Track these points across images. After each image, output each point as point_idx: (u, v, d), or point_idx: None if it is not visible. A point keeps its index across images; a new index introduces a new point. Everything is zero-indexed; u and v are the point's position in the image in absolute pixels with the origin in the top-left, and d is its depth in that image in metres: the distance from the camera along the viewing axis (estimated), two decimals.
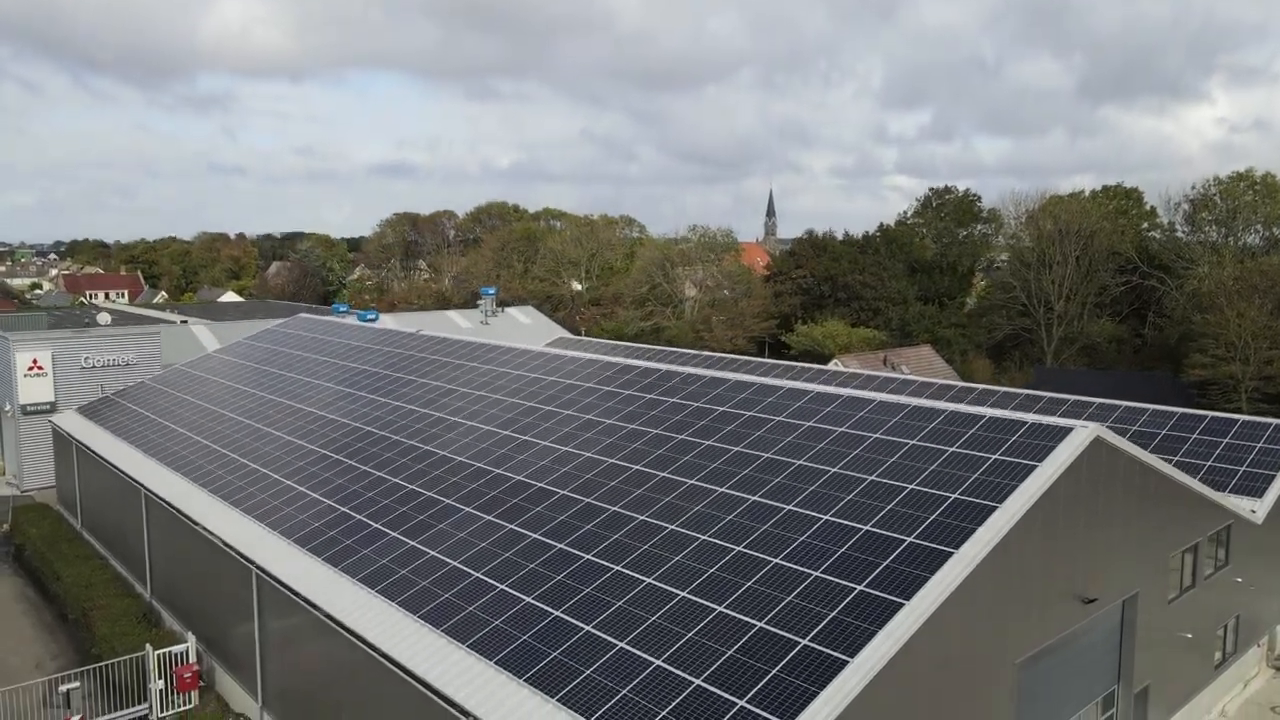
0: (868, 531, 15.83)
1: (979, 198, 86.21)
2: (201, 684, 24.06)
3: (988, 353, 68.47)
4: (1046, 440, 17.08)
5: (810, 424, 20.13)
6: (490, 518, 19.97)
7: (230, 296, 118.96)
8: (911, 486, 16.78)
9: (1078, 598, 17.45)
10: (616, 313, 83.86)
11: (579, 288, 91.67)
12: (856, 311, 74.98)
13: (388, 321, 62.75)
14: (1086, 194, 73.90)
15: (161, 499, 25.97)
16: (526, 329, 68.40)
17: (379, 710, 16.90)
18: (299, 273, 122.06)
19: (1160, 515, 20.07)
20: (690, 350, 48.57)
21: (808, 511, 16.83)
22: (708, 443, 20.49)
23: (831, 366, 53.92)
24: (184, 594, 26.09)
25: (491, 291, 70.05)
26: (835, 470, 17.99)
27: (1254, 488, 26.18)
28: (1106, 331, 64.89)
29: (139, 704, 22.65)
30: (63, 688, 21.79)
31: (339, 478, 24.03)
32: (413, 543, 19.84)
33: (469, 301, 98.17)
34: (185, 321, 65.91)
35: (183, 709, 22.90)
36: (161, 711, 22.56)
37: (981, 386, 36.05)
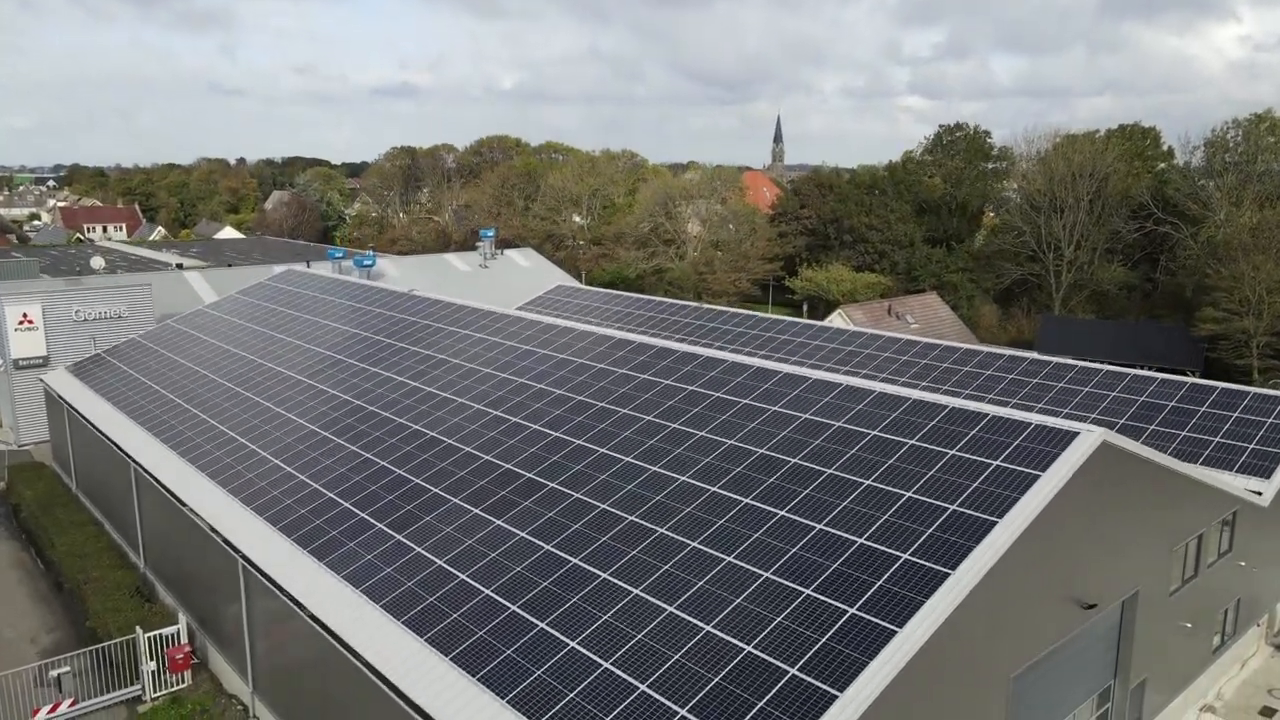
0: (862, 545, 15.32)
1: (989, 134, 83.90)
2: (195, 660, 24.08)
3: (995, 298, 67.38)
4: (1050, 446, 16.44)
5: (807, 417, 19.48)
6: (477, 511, 19.54)
7: (228, 232, 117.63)
8: (909, 494, 16.22)
9: (1078, 603, 17.05)
10: (618, 253, 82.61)
11: (580, 221, 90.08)
12: (862, 254, 73.74)
13: (385, 266, 61.81)
14: (1101, 134, 71.68)
15: (152, 476, 25.61)
16: (526, 272, 67.41)
17: (364, 717, 16.72)
18: (298, 208, 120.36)
19: (1165, 511, 19.56)
20: (691, 303, 47.67)
21: (802, 519, 16.31)
22: (701, 434, 19.90)
23: (835, 319, 53.11)
24: (175, 570, 25.95)
25: (490, 234, 68.78)
26: (831, 471, 17.41)
27: (1262, 467, 25.62)
28: (1117, 278, 63.66)
29: (132, 684, 22.68)
30: (53, 673, 21.75)
31: (327, 459, 23.56)
32: (399, 536, 19.46)
33: (469, 239, 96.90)
34: (180, 266, 65.11)
35: (176, 689, 22.93)
36: (154, 691, 22.58)
37: (985, 350, 35.26)
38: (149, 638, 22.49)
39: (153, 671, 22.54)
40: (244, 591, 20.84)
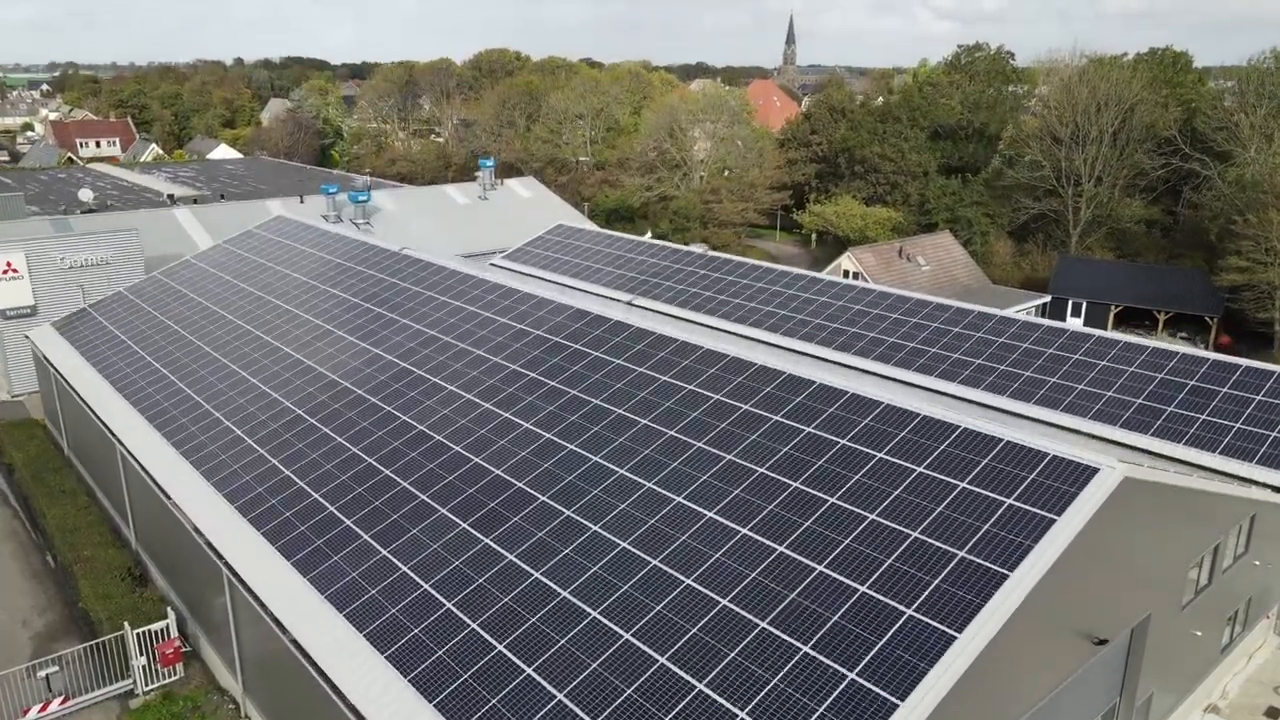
0: (863, 595, 14.54)
1: (1012, 55, 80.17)
2: (188, 649, 23.86)
3: (1010, 234, 65.39)
4: (1068, 484, 15.46)
5: (811, 430, 18.48)
6: (444, 511, 18.88)
7: (224, 150, 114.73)
8: (916, 534, 15.35)
9: (1088, 639, 16.39)
10: (622, 181, 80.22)
11: (584, 137, 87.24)
12: (874, 185, 71.35)
13: (381, 200, 59.99)
14: (1129, 58, 68.17)
15: (138, 462, 24.92)
16: (526, 204, 65.53)
17: None
18: (294, 126, 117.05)
19: (1183, 529, 18.73)
20: (696, 249, 46.10)
21: (803, 559, 15.50)
22: (698, 445, 18.95)
23: (844, 263, 51.55)
24: (165, 555, 25.53)
25: (490, 163, 66.59)
26: (834, 501, 16.52)
27: None
28: (1138, 214, 61.46)
29: (124, 679, 22.48)
30: (41, 673, 21.51)
31: (312, 450, 22.76)
32: (366, 536, 19.00)
33: (470, 162, 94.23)
34: (172, 198, 63.37)
35: (168, 681, 22.74)
36: (146, 685, 22.39)
37: (998, 314, 33.84)
38: (138, 634, 22.17)
39: (143, 666, 22.29)
40: (230, 601, 20.36)
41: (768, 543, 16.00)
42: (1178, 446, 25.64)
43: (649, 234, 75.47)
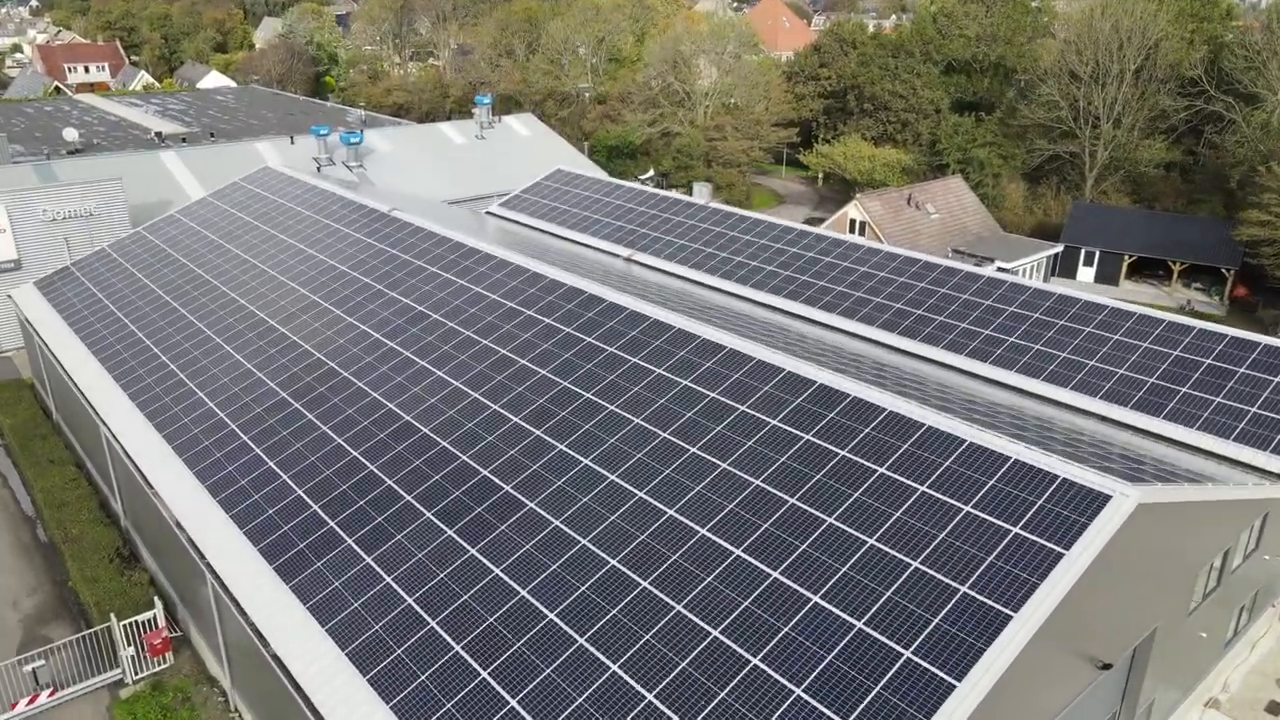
0: (859, 631, 13.95)
1: None
2: (178, 634, 23.68)
3: (1024, 176, 63.40)
4: (1078, 513, 14.70)
5: (809, 438, 17.68)
6: (430, 515, 18.29)
7: (214, 78, 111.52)
8: (916, 564, 14.68)
9: (1091, 664, 15.89)
10: (624, 116, 77.76)
11: (588, 91, 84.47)
12: (883, 124, 69.00)
13: (374, 140, 58.14)
14: None
15: (122, 446, 24.30)
16: (525, 143, 63.63)
17: None
18: (286, 53, 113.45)
19: (1195, 541, 18.08)
20: (699, 200, 44.60)
21: (798, 587, 14.88)
22: (691, 450, 18.17)
23: (851, 211, 50.04)
24: (151, 537, 25.14)
25: (487, 101, 64.39)
26: (831, 522, 15.82)
27: None
28: (1157, 157, 59.35)
29: (114, 668, 22.31)
30: (27, 668, 21.30)
31: (296, 439, 22.07)
32: (350, 540, 18.50)
33: (468, 94, 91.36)
34: (160, 135, 61.53)
35: (158, 669, 22.57)
36: (135, 674, 22.22)
37: (1010, 280, 32.58)
38: (124, 626, 21.89)
39: (132, 656, 22.09)
40: (214, 601, 19.95)
41: (762, 567, 15.36)
42: (1190, 431, 24.85)
43: (650, 171, 73.41)
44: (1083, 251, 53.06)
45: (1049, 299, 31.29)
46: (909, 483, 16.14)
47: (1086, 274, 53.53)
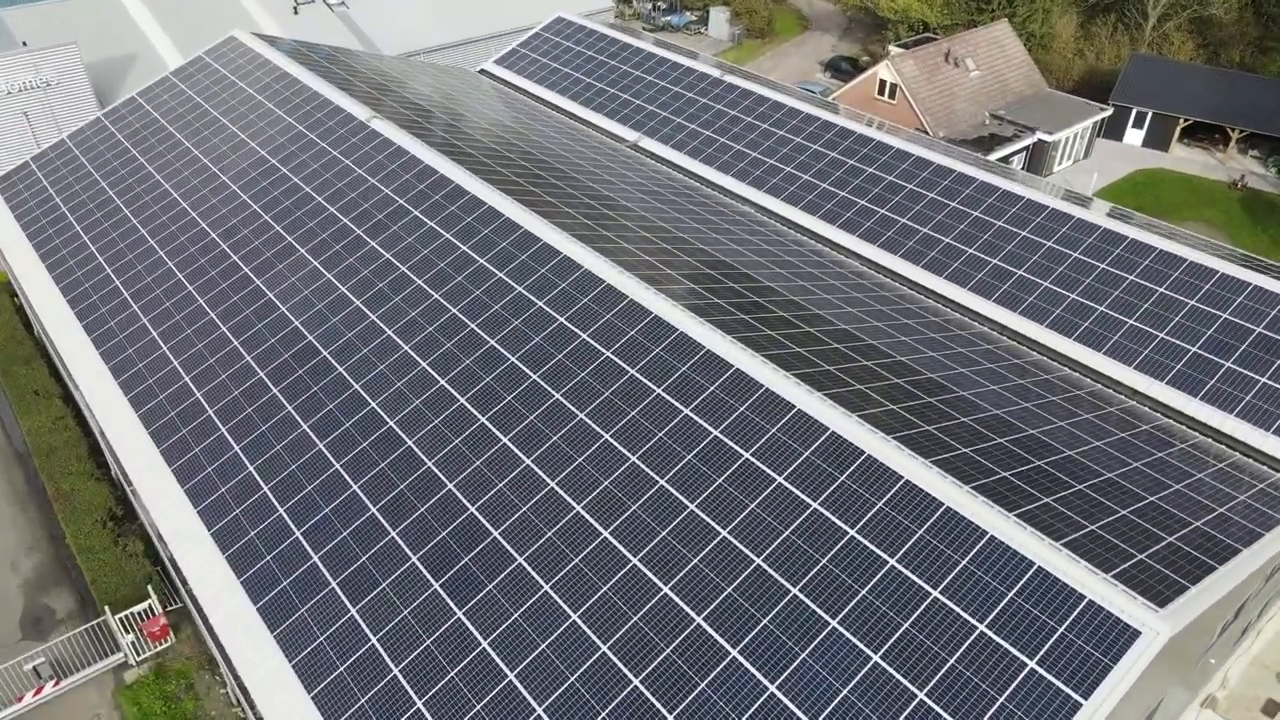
0: None
1: None
2: (179, 604, 23.72)
3: (1079, 9, 56.91)
4: (1101, 649, 13.64)
5: (816, 506, 16.31)
6: (395, 534, 17.47)
7: None
8: (922, 695, 13.83)
9: None
10: None
11: None
12: None
13: None
14: None
15: (97, 420, 23.26)
16: None
17: None
18: None
19: (1214, 617, 17.09)
20: (713, 70, 40.27)
21: (793, 709, 14.13)
22: (694, 509, 16.92)
23: (882, 72, 45.38)
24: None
25: None
26: (835, 626, 14.83)
27: None
28: None
29: (117, 652, 22.51)
30: (27, 666, 21.44)
31: (278, 437, 20.86)
32: (316, 557, 17.95)
33: None
34: None
35: (159, 648, 22.78)
36: (137, 657, 22.45)
37: (1046, 204, 29.60)
38: (120, 619, 21.84)
39: (132, 642, 22.22)
40: (193, 611, 19.63)
41: (762, 680, 14.58)
42: (1228, 418, 23.34)
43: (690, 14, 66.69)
44: (1133, 112, 48.51)
45: (1094, 232, 28.62)
46: (921, 584, 14.99)
47: (1135, 136, 49.25)
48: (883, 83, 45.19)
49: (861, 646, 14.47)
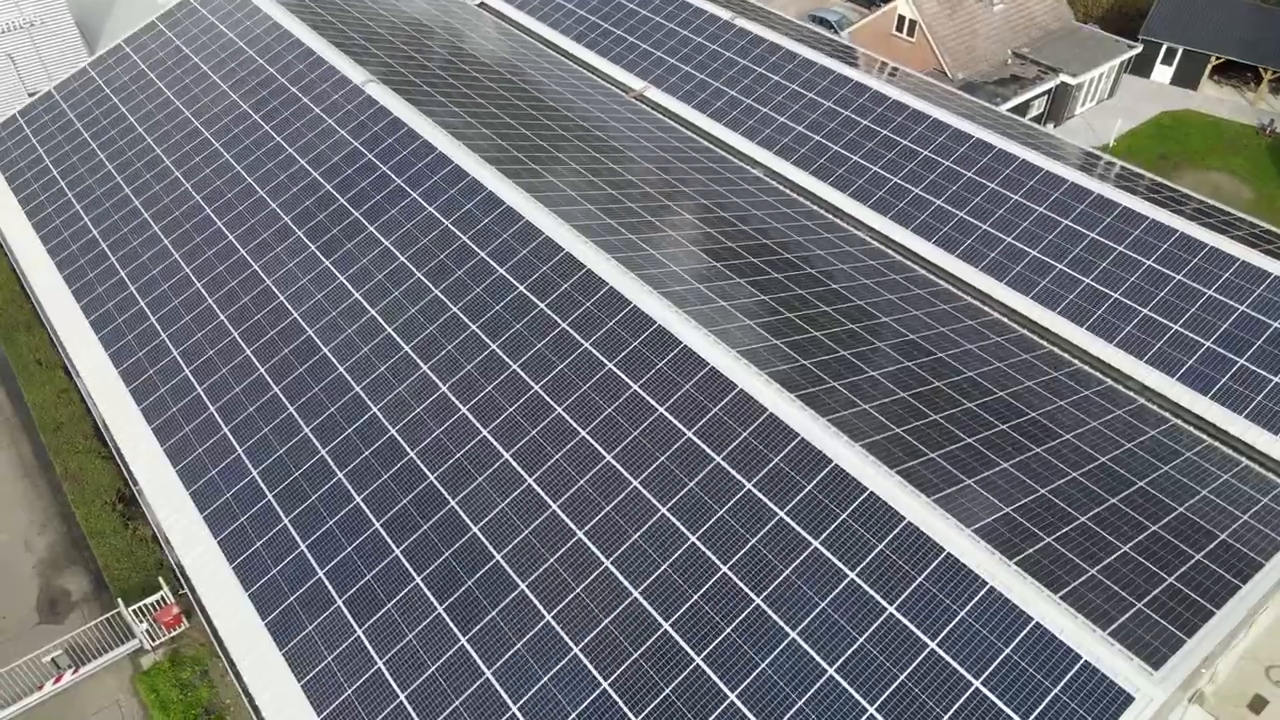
0: None
1: None
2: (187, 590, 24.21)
3: None
4: (1093, 714, 13.84)
5: (816, 545, 16.35)
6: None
7: None
8: None
9: None
10: None
11: None
12: None
13: None
14: None
15: (97, 408, 23.22)
16: None
17: None
18: None
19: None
20: (725, 15, 38.37)
21: None
22: (696, 539, 16.98)
23: (900, 8, 43.28)
24: None
25: None
26: (832, 673, 15.07)
27: None
28: None
29: (133, 637, 23.10)
30: (46, 659, 22.01)
31: (265, 421, 20.88)
32: (320, 571, 18.08)
33: None
34: None
35: (174, 633, 23.37)
36: (152, 643, 23.06)
37: (1064, 176, 28.60)
38: (133, 610, 22.33)
39: (146, 630, 22.78)
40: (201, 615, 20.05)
41: None
42: (1235, 418, 23.10)
43: None
44: (1163, 49, 46.37)
45: (1114, 210, 27.76)
46: (920, 636, 15.13)
47: (1163, 74, 47.21)
48: (901, 19, 43.15)
49: (856, 695, 14.72)
